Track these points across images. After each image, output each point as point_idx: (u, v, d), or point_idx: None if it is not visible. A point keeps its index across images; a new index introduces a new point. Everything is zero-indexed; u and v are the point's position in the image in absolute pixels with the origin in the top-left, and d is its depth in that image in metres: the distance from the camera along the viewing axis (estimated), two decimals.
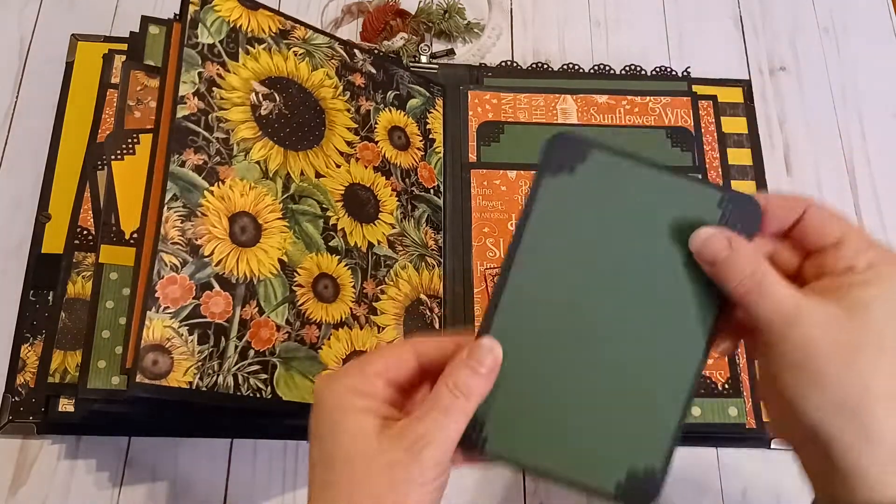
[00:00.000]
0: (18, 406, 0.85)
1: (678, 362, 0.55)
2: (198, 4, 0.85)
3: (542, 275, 0.56)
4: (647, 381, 0.55)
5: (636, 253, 0.56)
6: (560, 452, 0.56)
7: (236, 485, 0.85)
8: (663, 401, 0.55)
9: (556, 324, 0.56)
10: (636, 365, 0.55)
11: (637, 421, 0.55)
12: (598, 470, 0.55)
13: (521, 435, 0.56)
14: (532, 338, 0.56)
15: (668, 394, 0.55)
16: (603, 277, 0.56)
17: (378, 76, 0.96)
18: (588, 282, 0.56)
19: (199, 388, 0.72)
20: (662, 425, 0.55)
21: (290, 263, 0.81)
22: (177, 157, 0.78)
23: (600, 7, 1.14)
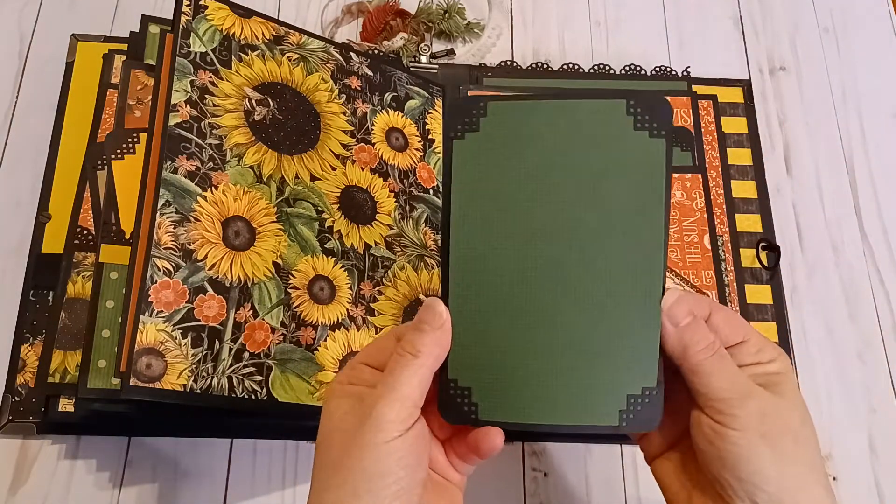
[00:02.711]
0: (18, 406, 0.85)
1: (640, 281, 0.56)
2: (190, 14, 0.85)
3: (482, 234, 0.57)
4: (616, 307, 0.56)
5: (566, 185, 0.57)
6: (554, 402, 0.56)
7: (236, 485, 0.85)
8: (637, 320, 0.56)
9: (513, 277, 0.57)
10: (601, 296, 0.56)
11: (619, 349, 0.56)
12: (597, 407, 0.56)
13: (510, 395, 0.57)
14: (493, 297, 0.57)
15: (639, 312, 0.56)
16: (542, 218, 0.57)
17: (375, 78, 0.96)
18: (529, 227, 0.57)
19: (194, 391, 0.73)
20: (644, 345, 0.56)
21: (285, 266, 0.81)
22: (169, 164, 0.78)
23: (600, 7, 1.14)
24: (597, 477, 0.88)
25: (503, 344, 0.57)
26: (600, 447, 0.89)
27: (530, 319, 0.56)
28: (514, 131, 0.57)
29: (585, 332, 0.56)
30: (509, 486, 0.87)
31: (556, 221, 0.56)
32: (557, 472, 0.88)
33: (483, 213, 0.57)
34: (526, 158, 0.57)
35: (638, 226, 0.56)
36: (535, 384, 0.56)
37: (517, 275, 0.57)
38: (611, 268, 0.56)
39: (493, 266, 0.57)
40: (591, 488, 0.87)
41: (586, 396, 0.56)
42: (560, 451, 0.89)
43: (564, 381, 0.56)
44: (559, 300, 0.56)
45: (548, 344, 0.56)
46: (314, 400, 0.78)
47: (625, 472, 0.88)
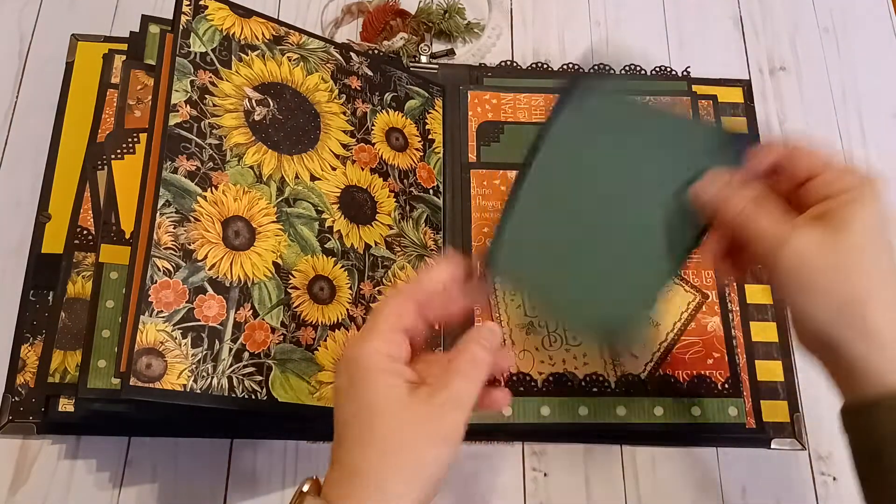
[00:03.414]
0: (18, 406, 0.85)
1: (661, 254, 0.68)
2: (190, 14, 0.85)
3: (554, 182, 0.69)
4: (639, 261, 0.69)
5: (635, 173, 0.69)
6: (571, 301, 0.70)
7: (236, 485, 0.85)
8: (651, 268, 0.69)
9: (566, 213, 0.70)
10: (631, 249, 0.69)
11: (628, 286, 0.69)
12: (592, 314, 0.69)
13: (539, 280, 0.71)
14: (551, 217, 0.70)
15: (653, 267, 0.68)
16: (606, 186, 0.69)
17: (375, 78, 0.96)
18: (593, 188, 0.69)
19: (194, 391, 0.73)
20: (646, 293, 0.68)
21: (285, 266, 0.81)
22: (169, 164, 0.78)
23: (600, 7, 1.14)
24: (597, 477, 0.88)
25: (546, 252, 0.69)
26: (600, 447, 0.89)
27: (568, 250, 0.69)
28: (614, 121, 0.71)
29: (613, 267, 0.69)
30: (509, 486, 0.87)
31: (615, 197, 0.69)
32: (557, 472, 0.88)
33: (561, 170, 0.70)
34: (614, 145, 0.70)
35: (674, 216, 0.68)
36: (557, 284, 0.70)
37: (569, 218, 0.69)
38: (642, 239, 0.68)
39: (554, 205, 0.69)
40: (591, 488, 0.87)
41: (597, 307, 0.69)
42: (560, 451, 0.89)
43: (579, 289, 0.69)
44: (594, 244, 0.69)
45: (579, 263, 0.69)
46: (314, 400, 0.78)
47: (625, 472, 0.88)
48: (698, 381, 0.88)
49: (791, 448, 0.90)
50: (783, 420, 0.90)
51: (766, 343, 0.93)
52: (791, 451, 0.90)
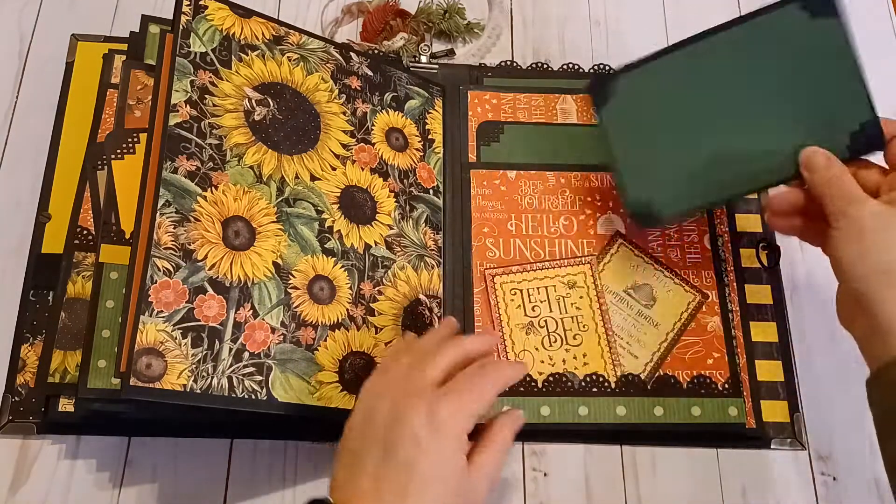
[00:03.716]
0: (18, 406, 0.85)
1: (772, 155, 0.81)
2: (190, 14, 0.85)
3: (708, 63, 0.84)
4: (731, 158, 0.83)
5: (771, 91, 0.82)
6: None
7: (236, 485, 0.85)
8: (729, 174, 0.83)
9: (700, 89, 0.84)
10: (729, 145, 0.83)
11: (707, 171, 0.84)
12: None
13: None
14: (681, 86, 0.85)
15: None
16: (738, 93, 0.83)
17: (375, 78, 0.96)
18: (731, 87, 0.83)
19: (194, 391, 0.73)
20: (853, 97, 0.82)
21: (285, 266, 0.81)
22: (169, 164, 0.78)
23: (600, 7, 1.14)
24: (597, 477, 0.88)
25: (652, 119, 0.86)
26: (600, 447, 0.89)
27: (687, 117, 0.85)
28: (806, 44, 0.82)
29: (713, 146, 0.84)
30: (509, 486, 0.87)
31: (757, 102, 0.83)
32: (557, 472, 0.88)
33: (701, 68, 0.85)
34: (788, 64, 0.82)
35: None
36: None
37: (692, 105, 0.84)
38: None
39: (691, 81, 0.85)
40: (591, 488, 0.87)
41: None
42: (560, 452, 0.89)
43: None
44: (712, 126, 0.84)
45: (682, 138, 0.84)
46: (314, 400, 0.78)
47: (625, 472, 0.88)
48: (698, 381, 0.88)
49: (791, 448, 0.89)
50: (783, 420, 0.90)
51: (766, 343, 0.93)
52: (791, 451, 0.90)
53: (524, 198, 0.96)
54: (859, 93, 0.81)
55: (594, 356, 0.89)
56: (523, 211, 0.95)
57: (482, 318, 0.90)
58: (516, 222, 0.95)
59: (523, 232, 0.94)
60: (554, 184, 0.97)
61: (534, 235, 0.94)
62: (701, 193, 0.86)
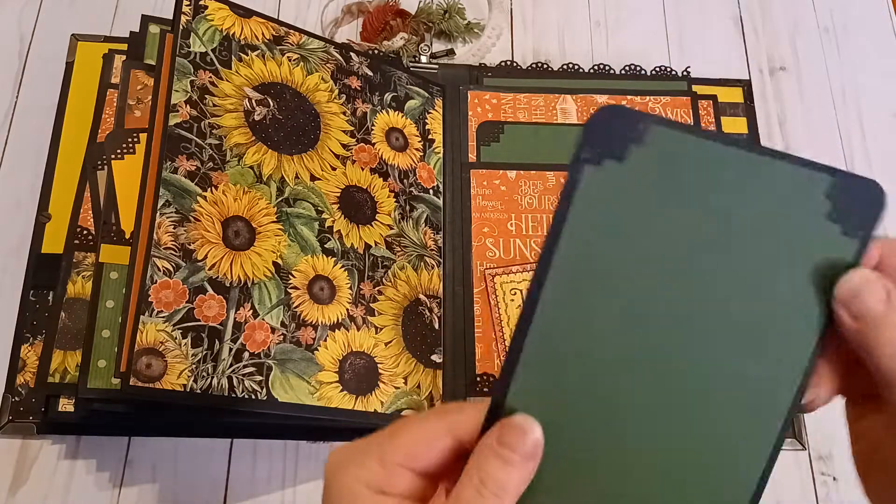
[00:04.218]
0: (18, 406, 0.85)
1: (763, 408, 0.43)
2: (190, 14, 0.85)
3: (585, 304, 0.42)
4: (725, 434, 0.43)
5: (712, 271, 0.42)
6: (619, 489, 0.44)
7: (236, 485, 0.85)
8: (741, 458, 0.43)
9: (607, 367, 0.42)
10: (715, 411, 0.43)
11: (712, 484, 0.43)
12: None
13: (575, 495, 0.44)
14: (574, 394, 0.43)
15: (748, 447, 0.43)
16: (670, 301, 0.42)
17: (375, 78, 0.96)
18: (649, 309, 0.42)
19: (194, 391, 0.73)
20: (740, 485, 0.43)
21: (285, 266, 0.81)
22: (169, 164, 0.78)
23: (600, 7, 1.14)
24: None
25: (576, 433, 0.43)
26: None
27: (614, 413, 0.43)
28: (672, 175, 0.41)
29: (681, 449, 0.43)
30: None
31: (687, 305, 0.42)
32: None
33: (596, 268, 0.42)
34: (676, 214, 0.41)
35: (787, 334, 0.42)
36: (603, 486, 0.44)
37: (614, 357, 0.42)
38: (735, 380, 0.42)
39: (587, 336, 0.42)
40: None
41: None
42: None
43: (636, 489, 0.43)
44: (658, 401, 0.43)
45: (623, 468, 0.43)
46: (314, 400, 0.78)
47: None
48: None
49: (791, 448, 0.90)
50: None
51: None
52: (791, 451, 0.90)
53: (524, 198, 0.96)
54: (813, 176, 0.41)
55: None
56: (523, 211, 0.95)
57: (482, 318, 0.90)
58: (516, 222, 0.95)
59: (523, 232, 0.94)
60: (554, 184, 0.97)
61: (534, 235, 0.94)
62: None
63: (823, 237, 0.41)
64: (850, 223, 0.41)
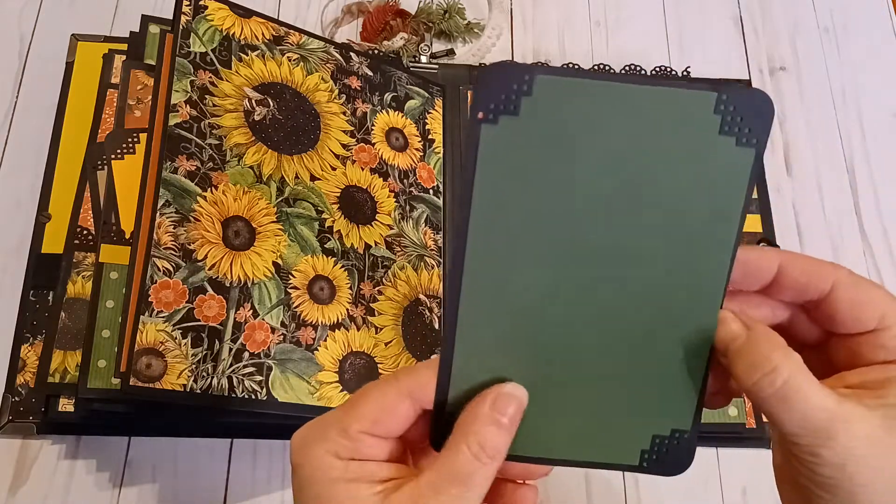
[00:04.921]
0: (18, 406, 0.85)
1: (692, 312, 0.46)
2: (190, 14, 0.85)
3: (508, 249, 0.44)
4: (661, 340, 0.47)
5: (622, 194, 0.44)
6: (572, 437, 0.49)
7: (236, 485, 0.85)
8: (682, 354, 0.47)
9: (539, 301, 0.45)
10: (644, 327, 0.46)
11: (653, 384, 0.47)
12: (618, 444, 0.49)
13: (527, 429, 0.47)
14: (513, 324, 0.46)
15: (686, 346, 0.46)
16: (585, 234, 0.44)
17: (375, 79, 0.96)
18: (568, 244, 0.45)
19: (194, 391, 0.73)
20: (683, 382, 0.47)
21: (285, 266, 0.81)
22: (169, 164, 0.78)
23: (600, 7, 1.14)
24: (597, 477, 0.88)
25: (520, 377, 0.47)
26: None
27: (556, 351, 0.47)
28: (565, 119, 0.42)
29: (617, 365, 0.47)
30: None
31: (603, 239, 0.44)
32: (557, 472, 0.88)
33: (512, 223, 0.44)
34: (576, 156, 0.43)
35: (701, 249, 0.45)
36: (554, 420, 0.48)
37: (545, 299, 0.46)
38: (660, 295, 0.46)
39: (516, 287, 0.45)
40: (591, 488, 0.87)
41: (608, 432, 0.49)
42: None
43: (586, 417, 0.48)
44: (592, 329, 0.46)
45: (571, 376, 0.47)
46: (314, 400, 0.78)
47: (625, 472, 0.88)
48: None
49: None
50: None
51: None
52: None
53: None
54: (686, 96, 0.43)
55: None
56: None
57: None
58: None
59: None
60: None
61: None
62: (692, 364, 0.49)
63: (721, 151, 0.43)
64: (743, 134, 0.43)
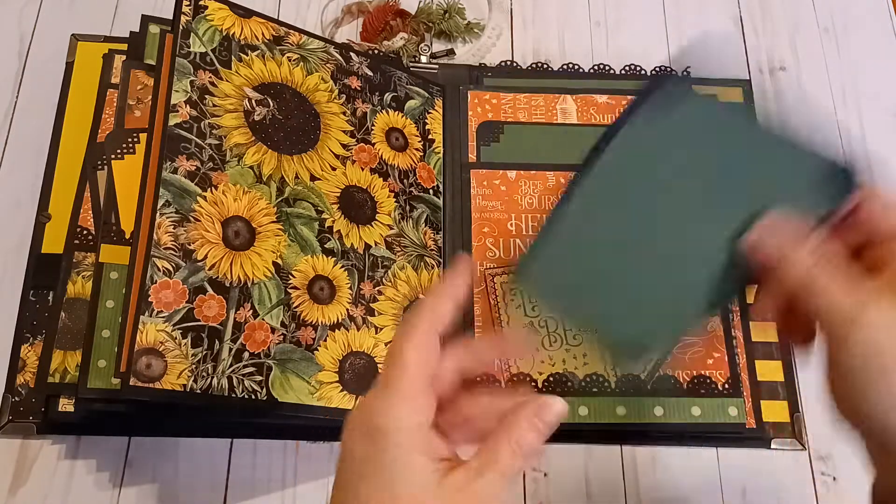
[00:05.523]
0: (18, 406, 0.85)
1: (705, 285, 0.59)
2: (190, 14, 0.85)
3: (610, 191, 0.62)
4: (676, 286, 0.61)
5: (701, 192, 0.60)
6: (592, 313, 0.63)
7: (236, 485, 0.85)
8: (681, 308, 0.61)
9: (616, 221, 0.62)
10: (670, 270, 0.61)
11: (658, 310, 0.61)
12: (610, 328, 0.62)
13: (561, 283, 0.64)
14: (595, 224, 0.63)
15: (686, 306, 0.60)
16: (666, 202, 0.61)
17: (375, 79, 0.96)
18: (651, 204, 0.61)
19: (193, 391, 0.73)
20: (675, 322, 0.61)
21: (285, 266, 0.81)
22: (169, 164, 0.78)
23: (600, 7, 1.14)
24: (597, 477, 0.88)
25: (575, 259, 0.63)
26: (600, 447, 0.89)
27: (606, 254, 0.62)
28: (695, 131, 0.61)
29: (637, 290, 0.62)
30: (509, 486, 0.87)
31: (672, 214, 0.61)
32: (557, 472, 0.88)
33: (625, 176, 0.62)
34: (687, 162, 0.61)
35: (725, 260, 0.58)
36: (585, 296, 0.63)
37: (617, 225, 0.62)
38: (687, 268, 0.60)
39: (606, 209, 0.62)
40: (591, 488, 0.87)
41: (609, 318, 0.62)
42: (560, 452, 0.89)
43: (604, 302, 0.62)
44: (635, 258, 0.62)
45: (608, 275, 0.62)
46: (314, 400, 0.79)
47: (625, 472, 0.88)
48: (698, 381, 0.88)
49: (791, 448, 0.90)
50: (783, 420, 0.90)
51: (766, 343, 0.93)
52: (791, 451, 0.90)
53: (524, 198, 0.96)
54: (800, 154, 0.61)
55: (594, 356, 0.89)
56: (523, 211, 0.95)
57: (482, 318, 0.90)
58: (516, 222, 0.95)
59: (523, 232, 0.94)
60: (554, 184, 0.97)
61: (534, 236, 0.94)
62: (681, 319, 0.65)
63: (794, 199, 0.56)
64: (831, 196, 0.55)
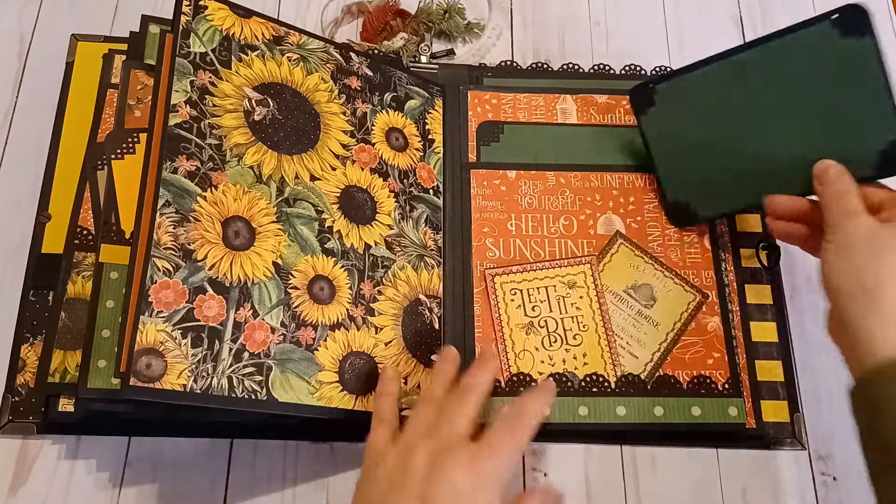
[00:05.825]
0: (18, 406, 0.85)
1: None
2: (190, 14, 0.85)
3: (753, 71, 0.87)
4: (762, 163, 0.87)
5: (805, 112, 0.85)
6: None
7: (236, 485, 0.85)
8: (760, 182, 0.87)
9: (740, 97, 0.88)
10: (761, 151, 0.88)
11: (745, 171, 0.89)
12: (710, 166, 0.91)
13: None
14: (727, 87, 0.89)
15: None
16: (778, 105, 0.86)
17: (375, 79, 0.96)
18: (770, 98, 0.86)
19: (193, 391, 0.73)
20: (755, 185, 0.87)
21: (285, 266, 0.81)
22: (169, 164, 0.78)
23: (600, 7, 1.14)
24: (597, 477, 0.88)
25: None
26: (600, 447, 0.89)
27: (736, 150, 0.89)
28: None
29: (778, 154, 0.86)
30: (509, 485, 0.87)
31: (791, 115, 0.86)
32: (557, 472, 0.88)
33: (748, 76, 0.88)
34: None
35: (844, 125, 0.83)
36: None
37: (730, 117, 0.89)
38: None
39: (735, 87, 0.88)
40: (591, 488, 0.87)
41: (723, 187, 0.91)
42: (560, 451, 0.89)
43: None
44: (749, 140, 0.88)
45: (727, 133, 0.89)
46: (314, 400, 0.78)
47: (625, 472, 0.88)
48: (698, 381, 0.88)
49: (791, 448, 0.90)
50: (783, 420, 0.90)
51: (766, 343, 0.93)
52: (791, 451, 0.90)
53: (524, 198, 0.96)
54: (888, 113, 0.81)
55: (594, 356, 0.89)
56: (523, 211, 0.95)
57: (482, 318, 0.90)
58: (516, 222, 0.95)
59: (523, 232, 0.94)
60: (554, 184, 0.97)
61: (534, 235, 0.94)
62: (735, 198, 0.92)
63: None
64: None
